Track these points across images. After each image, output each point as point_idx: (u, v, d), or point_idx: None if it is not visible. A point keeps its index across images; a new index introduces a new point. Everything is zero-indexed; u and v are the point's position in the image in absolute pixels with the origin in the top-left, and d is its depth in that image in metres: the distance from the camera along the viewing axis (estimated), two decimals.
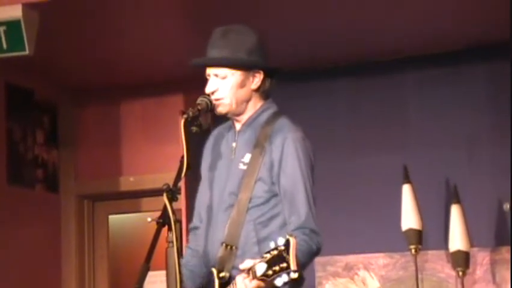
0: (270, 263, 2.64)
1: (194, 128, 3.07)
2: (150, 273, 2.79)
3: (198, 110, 3.09)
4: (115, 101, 6.15)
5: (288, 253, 2.59)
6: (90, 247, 6.19)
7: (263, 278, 2.68)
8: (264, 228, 3.06)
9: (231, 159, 3.16)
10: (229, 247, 3.04)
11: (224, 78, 3.12)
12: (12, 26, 4.39)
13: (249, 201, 3.06)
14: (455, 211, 5.11)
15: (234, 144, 3.18)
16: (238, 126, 3.20)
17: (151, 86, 6.00)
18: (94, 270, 6.19)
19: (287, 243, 2.61)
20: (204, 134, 3.28)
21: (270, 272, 2.64)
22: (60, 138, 6.16)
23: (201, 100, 3.13)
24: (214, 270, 3.05)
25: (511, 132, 5.07)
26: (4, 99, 5.57)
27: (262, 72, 3.14)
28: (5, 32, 4.38)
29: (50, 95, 6.07)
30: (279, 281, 2.63)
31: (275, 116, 3.18)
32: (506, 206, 5.03)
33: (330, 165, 5.53)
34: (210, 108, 3.12)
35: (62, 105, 6.18)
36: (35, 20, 4.47)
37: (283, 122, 3.16)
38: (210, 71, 3.13)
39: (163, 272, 2.80)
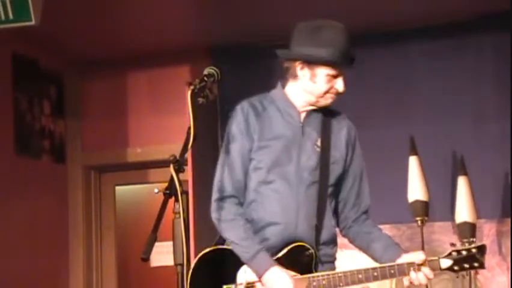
0: (458, 260, 3.17)
1: (200, 99, 3.07)
2: (157, 244, 2.79)
3: (205, 81, 3.09)
4: (122, 71, 6.14)
5: (482, 256, 3.17)
6: (97, 218, 6.21)
7: (445, 270, 3.19)
8: (331, 204, 3.29)
9: (299, 138, 3.23)
10: (318, 225, 3.20)
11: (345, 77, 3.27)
12: None
13: (328, 182, 3.22)
14: (461, 183, 5.11)
15: (300, 125, 3.25)
16: (301, 108, 3.26)
17: (157, 57, 5.98)
18: (101, 241, 6.21)
19: (482, 249, 3.18)
20: (210, 105, 3.27)
21: (456, 268, 3.17)
22: (67, 109, 6.16)
23: (208, 71, 3.13)
24: (310, 248, 3.16)
25: (510, 104, 5.06)
26: (10, 69, 5.57)
27: None
28: (11, 2, 4.35)
29: (56, 66, 6.06)
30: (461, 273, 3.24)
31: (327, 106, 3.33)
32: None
33: None
34: (217, 79, 3.13)
35: (68, 75, 6.17)
36: None
37: (338, 111, 3.39)
38: (344, 73, 3.25)
39: (170, 243, 2.81)
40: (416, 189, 5.13)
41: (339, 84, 3.24)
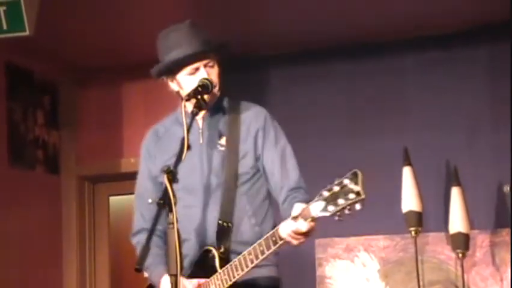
0: (331, 199, 2.74)
1: (194, 110, 3.08)
2: None
3: (199, 91, 3.10)
4: (116, 82, 6.14)
5: (357, 183, 2.77)
6: (91, 228, 6.20)
7: (322, 215, 2.77)
8: (254, 201, 3.20)
9: (200, 144, 3.21)
10: (224, 224, 3.12)
11: (213, 67, 3.20)
12: (12, 6, 4.36)
13: (237, 178, 3.17)
14: (455, 193, 5.12)
15: (199, 131, 3.24)
16: (199, 114, 3.22)
17: (151, 67, 5.96)
18: (95, 251, 6.20)
19: (355, 175, 2.77)
20: None
21: (331, 208, 2.73)
22: (61, 119, 6.15)
23: (201, 82, 3.14)
24: (212, 248, 3.11)
25: (510, 114, 5.07)
26: (4, 79, 5.56)
27: None
28: (5, 12, 4.36)
29: (51, 76, 6.06)
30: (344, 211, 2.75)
31: (233, 100, 3.30)
32: (506, 188, 5.04)
33: (330, 148, 5.54)
34: (210, 89, 3.15)
35: (62, 86, 6.17)
36: (36, 0, 4.45)
37: (247, 103, 3.30)
38: (201, 63, 3.17)
39: None
40: (409, 200, 5.13)
41: (202, 75, 3.16)
